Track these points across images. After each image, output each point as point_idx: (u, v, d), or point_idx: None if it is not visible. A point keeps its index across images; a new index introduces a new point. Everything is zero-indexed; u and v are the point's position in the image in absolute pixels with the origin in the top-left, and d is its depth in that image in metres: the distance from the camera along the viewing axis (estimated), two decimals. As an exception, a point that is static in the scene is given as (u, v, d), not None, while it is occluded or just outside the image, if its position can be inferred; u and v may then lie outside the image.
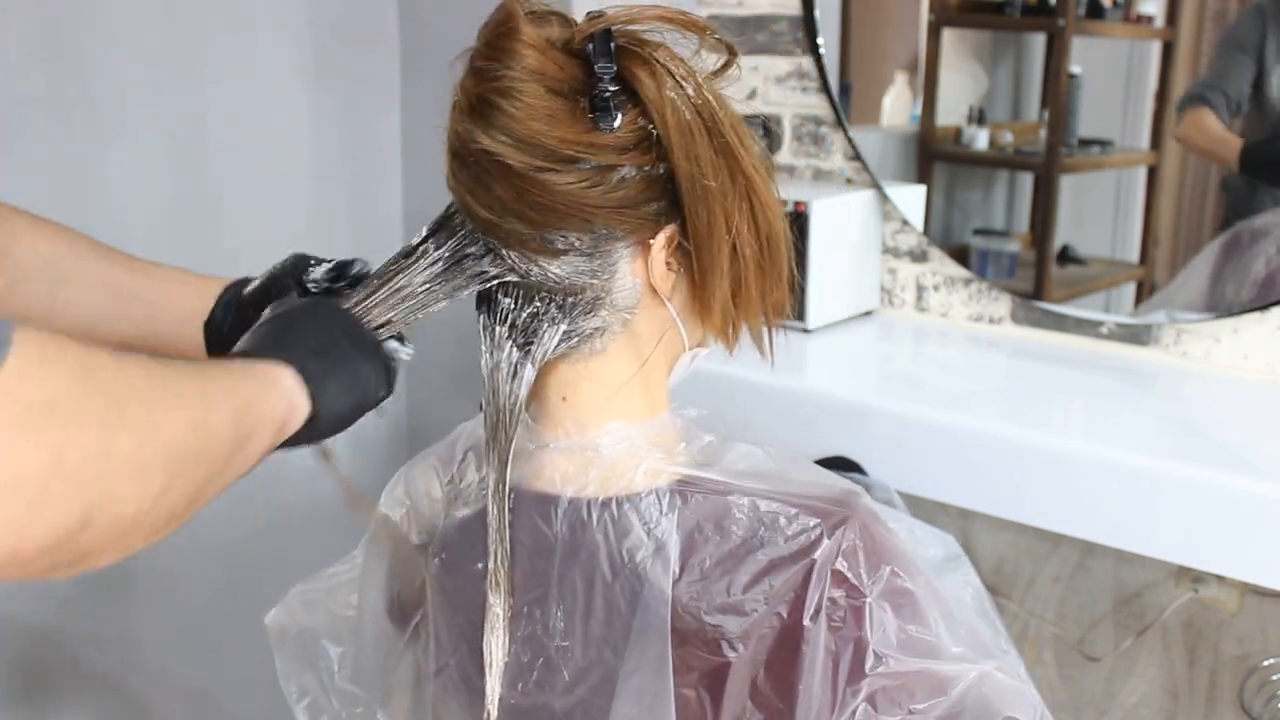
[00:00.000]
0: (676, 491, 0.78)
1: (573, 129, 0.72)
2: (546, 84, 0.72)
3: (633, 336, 0.80)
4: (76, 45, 1.53)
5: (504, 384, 0.79)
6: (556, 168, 0.72)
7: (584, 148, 0.72)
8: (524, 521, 0.81)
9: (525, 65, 0.72)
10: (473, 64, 0.75)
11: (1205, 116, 1.52)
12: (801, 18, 1.74)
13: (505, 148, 0.72)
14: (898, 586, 0.74)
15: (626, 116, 0.73)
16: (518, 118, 0.72)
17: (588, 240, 0.75)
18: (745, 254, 0.78)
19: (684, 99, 0.73)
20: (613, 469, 0.79)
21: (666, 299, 0.79)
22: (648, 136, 0.74)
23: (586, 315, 0.78)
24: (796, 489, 0.77)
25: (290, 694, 0.94)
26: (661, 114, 0.73)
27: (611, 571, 0.77)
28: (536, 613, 0.81)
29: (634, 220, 0.75)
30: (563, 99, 0.73)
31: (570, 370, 0.80)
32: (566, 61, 0.73)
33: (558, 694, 0.81)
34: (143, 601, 1.69)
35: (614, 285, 0.77)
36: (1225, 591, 1.32)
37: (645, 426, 0.81)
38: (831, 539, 0.74)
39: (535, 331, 0.78)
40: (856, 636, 0.73)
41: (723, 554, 0.75)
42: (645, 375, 0.81)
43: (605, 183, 0.73)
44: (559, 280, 0.76)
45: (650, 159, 0.74)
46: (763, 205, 0.78)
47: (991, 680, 0.75)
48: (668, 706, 0.75)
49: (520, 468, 0.82)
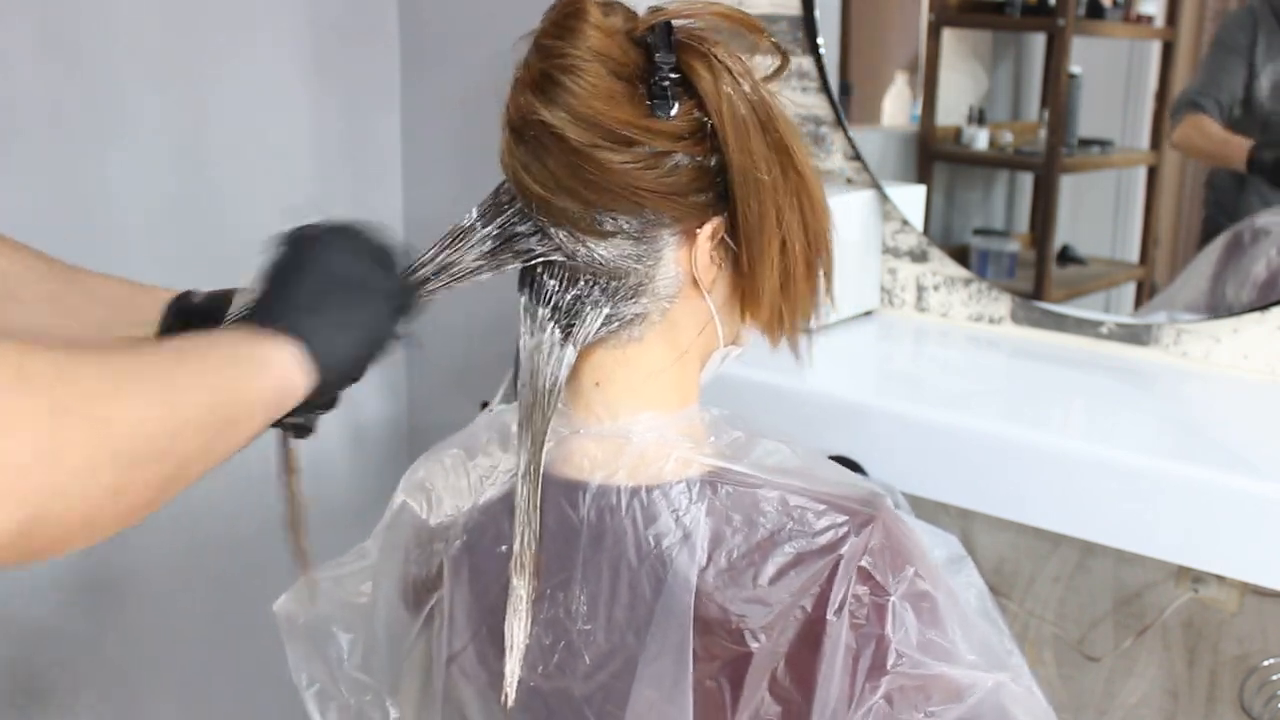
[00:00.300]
0: (706, 482, 0.79)
1: (631, 112, 0.74)
2: (609, 66, 0.74)
3: (670, 326, 0.81)
4: (76, 45, 1.53)
5: (544, 366, 0.80)
6: (613, 146, 0.74)
7: (640, 131, 0.74)
8: (551, 506, 0.82)
9: (590, 45, 0.74)
10: (538, 41, 0.77)
11: (1203, 121, 1.52)
12: (801, 18, 1.74)
13: (564, 122, 0.74)
14: (920, 589, 0.75)
15: (683, 107, 0.75)
16: (579, 94, 0.74)
17: (636, 224, 0.77)
18: (795, 249, 0.79)
19: (740, 94, 0.75)
20: (643, 457, 0.80)
21: (707, 291, 0.80)
22: (702, 128, 0.76)
23: (629, 301, 0.79)
24: (824, 486, 0.79)
25: (300, 681, 0.94)
26: (718, 107, 0.75)
27: (638, 557, 0.78)
28: (560, 596, 0.82)
29: (683, 208, 0.77)
30: (623, 82, 0.75)
31: (607, 356, 0.82)
32: (629, 48, 0.75)
33: (579, 678, 0.81)
34: (142, 601, 1.68)
35: (657, 272, 0.79)
36: (1225, 591, 1.32)
37: (676, 417, 0.82)
38: (859, 537, 0.75)
39: (578, 314, 0.80)
40: (879, 634, 0.74)
41: (750, 546, 0.76)
42: (680, 367, 0.83)
43: (658, 167, 0.75)
44: (604, 262, 0.78)
45: (703, 150, 0.76)
46: (813, 203, 0.80)
47: (1007, 691, 0.76)
48: (686, 693, 0.76)
49: (549, 453, 0.82)
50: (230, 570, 1.79)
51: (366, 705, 0.93)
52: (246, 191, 1.75)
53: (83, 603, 1.63)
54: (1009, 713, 0.75)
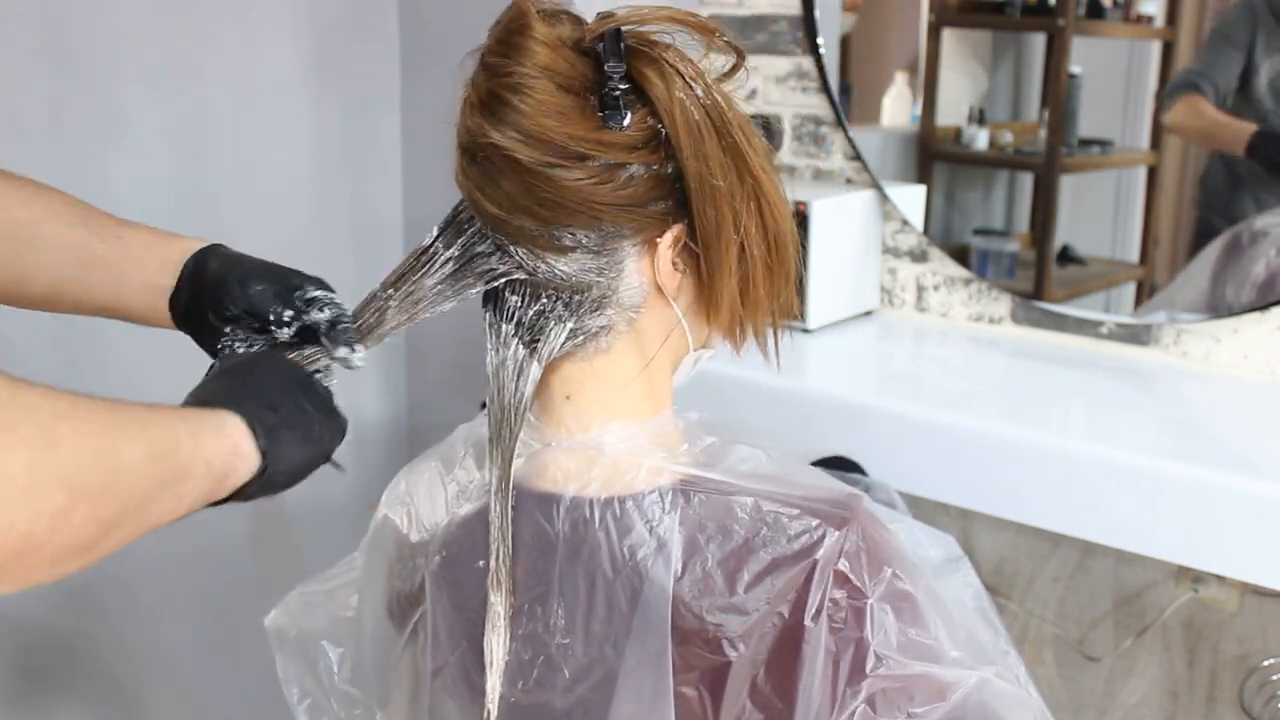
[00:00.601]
0: (679, 491, 0.78)
1: (582, 126, 0.73)
2: (557, 81, 0.73)
3: (638, 336, 0.80)
4: (76, 45, 1.53)
5: (509, 382, 0.80)
6: (565, 164, 0.73)
7: (593, 145, 0.73)
8: (526, 520, 0.81)
9: (536, 62, 0.73)
10: (484, 60, 0.76)
11: (1199, 102, 1.51)
12: (801, 18, 1.74)
13: (515, 143, 0.73)
14: (898, 589, 0.74)
15: (635, 116, 0.74)
16: (528, 113, 0.73)
17: (595, 238, 0.76)
18: (753, 254, 0.78)
19: (693, 99, 0.74)
20: (615, 468, 0.79)
21: (672, 298, 0.79)
22: (656, 136, 0.74)
23: (593, 313, 0.78)
24: (799, 490, 0.78)
25: (291, 696, 0.94)
26: (670, 114, 0.74)
27: (613, 569, 0.78)
28: (538, 610, 0.81)
29: (641, 218, 0.76)
30: (573, 96, 0.73)
31: (575, 369, 0.81)
32: (577, 60, 0.74)
33: (559, 692, 0.81)
34: (142, 601, 1.68)
35: (620, 284, 0.78)
36: (1225, 591, 1.32)
37: (648, 426, 0.81)
38: (834, 540, 0.74)
39: (542, 329, 0.79)
40: (858, 637, 0.73)
41: (725, 553, 0.76)
42: (649, 375, 0.82)
43: (613, 180, 0.74)
44: (566, 278, 0.77)
45: (659, 158, 0.75)
46: (770, 205, 0.78)
47: (991, 686, 0.75)
48: (667, 704, 0.75)
49: (523, 466, 0.82)
50: (228, 573, 1.79)
51: (357, 718, 0.93)
52: (246, 191, 1.75)
53: (81, 604, 1.63)
54: (993, 708, 0.74)
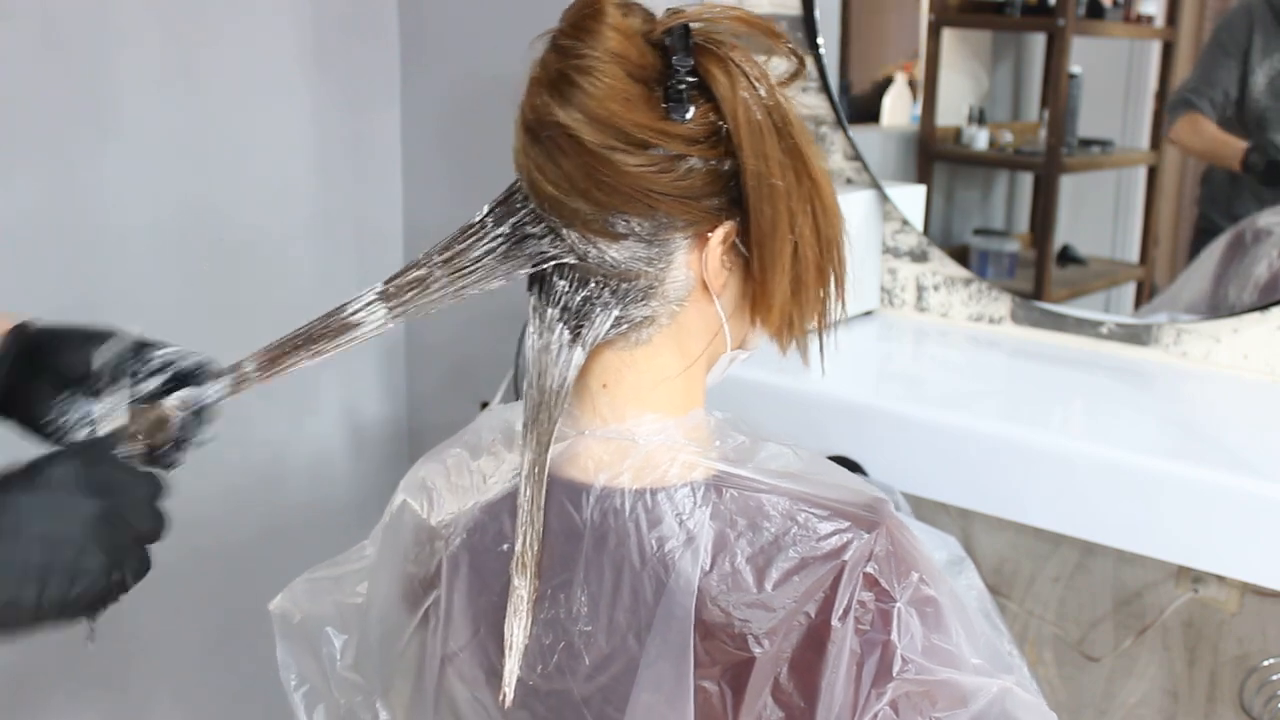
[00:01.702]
0: (711, 486, 0.78)
1: (647, 114, 0.74)
2: (626, 68, 0.74)
3: (678, 330, 0.81)
4: (77, 46, 1.53)
5: (551, 366, 0.80)
6: (627, 149, 0.74)
7: (656, 134, 0.74)
8: (554, 506, 0.82)
9: (607, 46, 0.74)
10: (555, 41, 0.77)
11: (1198, 120, 1.52)
12: (801, 18, 1.74)
13: (580, 124, 0.74)
14: (924, 594, 0.75)
15: (698, 111, 0.75)
16: (595, 96, 0.74)
17: (648, 227, 0.77)
18: (806, 255, 0.79)
19: (756, 99, 0.75)
20: (648, 460, 0.80)
21: (716, 295, 0.80)
22: (717, 132, 0.76)
23: (638, 303, 0.79)
24: (828, 492, 0.78)
25: (288, 681, 0.94)
26: (733, 111, 0.75)
27: (640, 560, 0.78)
28: (561, 597, 0.82)
29: (695, 212, 0.77)
30: (640, 85, 0.75)
31: (615, 358, 0.82)
32: (646, 50, 0.75)
33: (579, 679, 0.81)
34: (142, 602, 1.68)
35: (668, 275, 0.79)
36: (1225, 591, 1.32)
37: (681, 420, 0.82)
38: (863, 543, 0.74)
39: (587, 315, 0.80)
40: (884, 640, 0.73)
41: (754, 550, 0.76)
42: (687, 371, 0.83)
43: (673, 170, 0.75)
44: (616, 265, 0.78)
45: (718, 154, 0.76)
46: (825, 209, 0.80)
47: (1013, 696, 0.75)
48: (686, 697, 0.75)
49: (553, 454, 0.82)
50: (229, 571, 1.79)
51: (357, 706, 0.93)
52: (246, 191, 1.75)
53: (83, 603, 1.63)
54: (1014, 718, 0.75)
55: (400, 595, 0.94)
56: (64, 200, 1.55)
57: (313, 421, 1.90)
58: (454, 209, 0.84)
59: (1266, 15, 1.47)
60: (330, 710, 0.94)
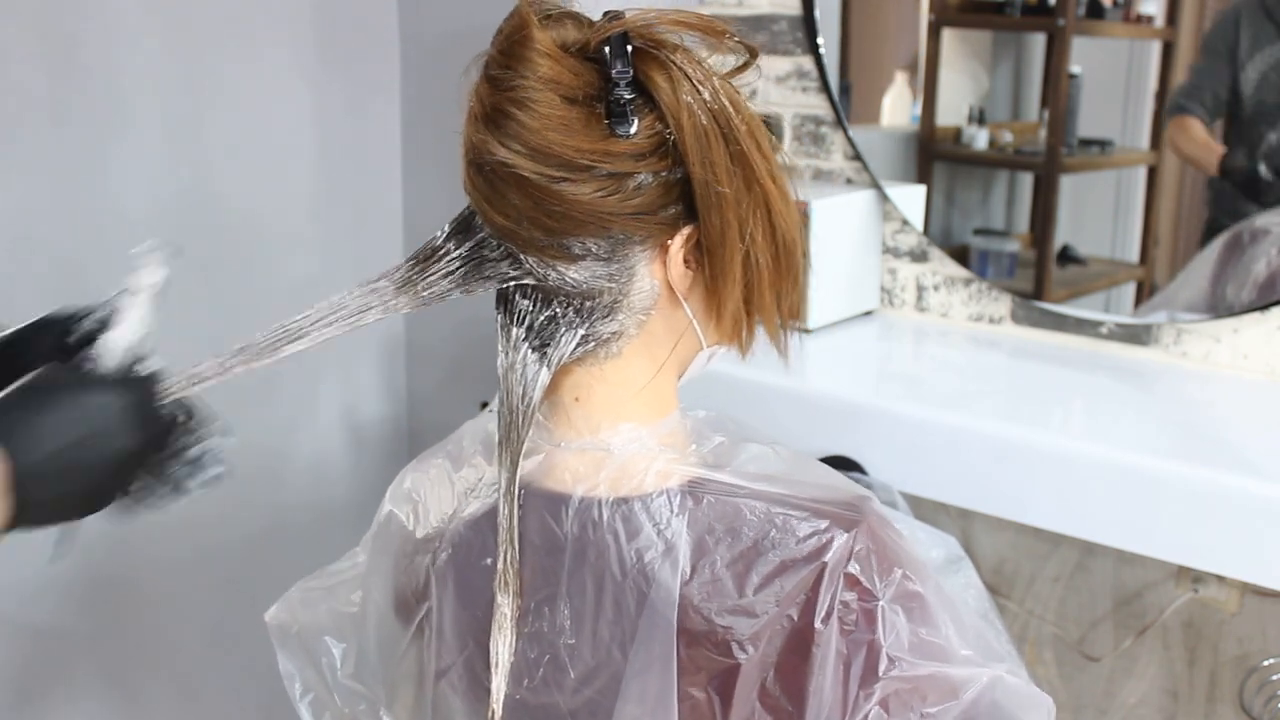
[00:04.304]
0: (688, 492, 0.78)
1: (588, 138, 0.72)
2: (561, 92, 0.72)
3: (647, 338, 0.80)
4: (76, 44, 1.53)
5: (518, 385, 0.79)
6: (572, 177, 0.72)
7: (600, 156, 0.72)
8: (534, 520, 0.81)
9: (539, 74, 0.72)
10: (487, 71, 0.75)
11: (1189, 124, 1.53)
12: (801, 18, 1.74)
13: (520, 158, 0.72)
14: (909, 590, 0.74)
15: (643, 122, 0.73)
16: (532, 128, 0.72)
17: (605, 245, 0.75)
18: (759, 261, 0.78)
19: (700, 103, 0.73)
20: (623, 469, 0.79)
21: (683, 298, 0.79)
22: (664, 142, 0.73)
23: (604, 319, 0.78)
24: (808, 492, 0.77)
25: (293, 691, 0.94)
26: (678, 119, 0.73)
27: (621, 571, 0.78)
28: (545, 611, 0.81)
29: (651, 225, 0.75)
30: (578, 107, 0.72)
31: (585, 373, 0.81)
32: (581, 68, 0.73)
33: (566, 693, 0.81)
34: (142, 601, 1.68)
35: (631, 288, 0.77)
36: (1225, 591, 1.32)
37: (656, 427, 0.81)
38: (843, 542, 0.74)
39: (552, 335, 0.79)
40: (869, 639, 0.73)
41: (734, 555, 0.75)
42: (658, 377, 0.82)
43: (622, 190, 0.73)
44: (577, 285, 0.76)
45: (667, 164, 0.74)
46: (778, 213, 0.78)
47: (1003, 685, 0.75)
48: (671, 708, 0.75)
49: (531, 467, 0.82)
50: (229, 571, 1.79)
51: (361, 715, 0.93)
52: (246, 190, 1.75)
53: (82, 604, 1.63)
54: (1004, 707, 0.74)
55: (392, 606, 0.94)
56: (64, 201, 1.55)
57: (313, 421, 1.90)
58: (454, 208, 0.84)
59: (1255, 12, 1.47)
60: (336, 719, 0.94)
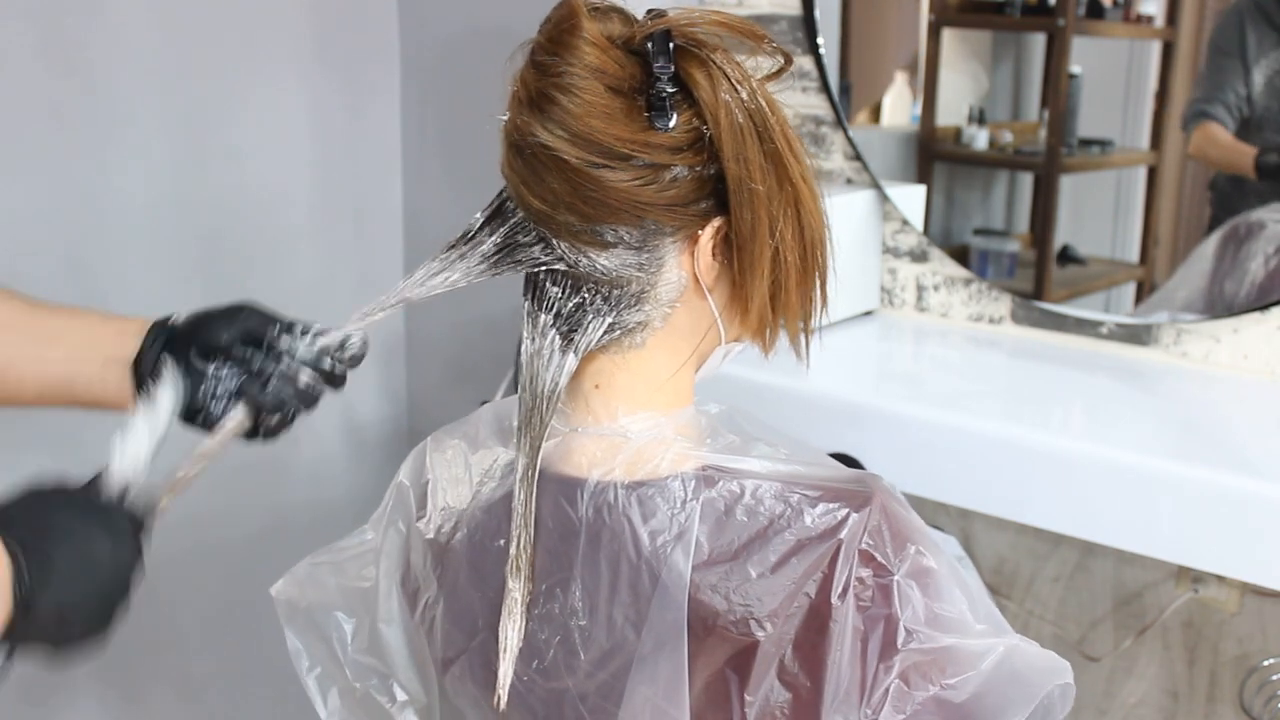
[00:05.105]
0: (702, 477, 0.79)
1: (629, 127, 0.74)
2: (605, 81, 0.74)
3: (671, 331, 0.82)
4: (77, 45, 1.53)
5: (543, 371, 0.81)
6: (611, 164, 0.74)
7: (639, 146, 0.74)
8: (549, 504, 0.82)
9: (585, 62, 0.74)
10: (533, 57, 0.76)
11: (1213, 130, 1.52)
12: (801, 18, 1.74)
13: (562, 142, 0.74)
14: (922, 565, 0.75)
15: (681, 117, 0.75)
16: (576, 113, 0.74)
17: (637, 235, 0.77)
18: (787, 259, 0.79)
19: (738, 102, 0.75)
20: (640, 454, 0.80)
21: (709, 290, 0.80)
22: (701, 137, 0.75)
23: (631, 309, 0.80)
24: (819, 473, 0.79)
25: (300, 666, 0.94)
26: (715, 116, 0.75)
27: (636, 554, 0.78)
28: (558, 594, 0.82)
29: (683, 217, 0.77)
30: (620, 97, 0.74)
31: (608, 361, 0.82)
32: (625, 60, 0.75)
33: (578, 676, 0.81)
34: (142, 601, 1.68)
35: (660, 279, 0.79)
36: (1225, 591, 1.32)
37: (672, 417, 0.82)
38: (857, 519, 0.75)
39: (580, 322, 0.80)
40: (886, 614, 0.74)
41: (749, 536, 0.77)
42: (677, 369, 0.83)
43: (658, 181, 0.75)
44: (607, 272, 0.78)
45: (703, 159, 0.76)
46: (808, 213, 0.79)
47: (1020, 653, 0.76)
48: (683, 689, 0.76)
49: (548, 451, 0.83)
50: (229, 571, 1.79)
51: (372, 689, 0.93)
52: (247, 191, 1.75)
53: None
54: (1024, 675, 0.75)
55: (403, 583, 0.94)
56: (64, 201, 1.55)
57: (312, 421, 1.90)
58: (453, 207, 0.84)
59: (1257, 15, 1.47)
60: (344, 694, 0.94)
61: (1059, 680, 0.76)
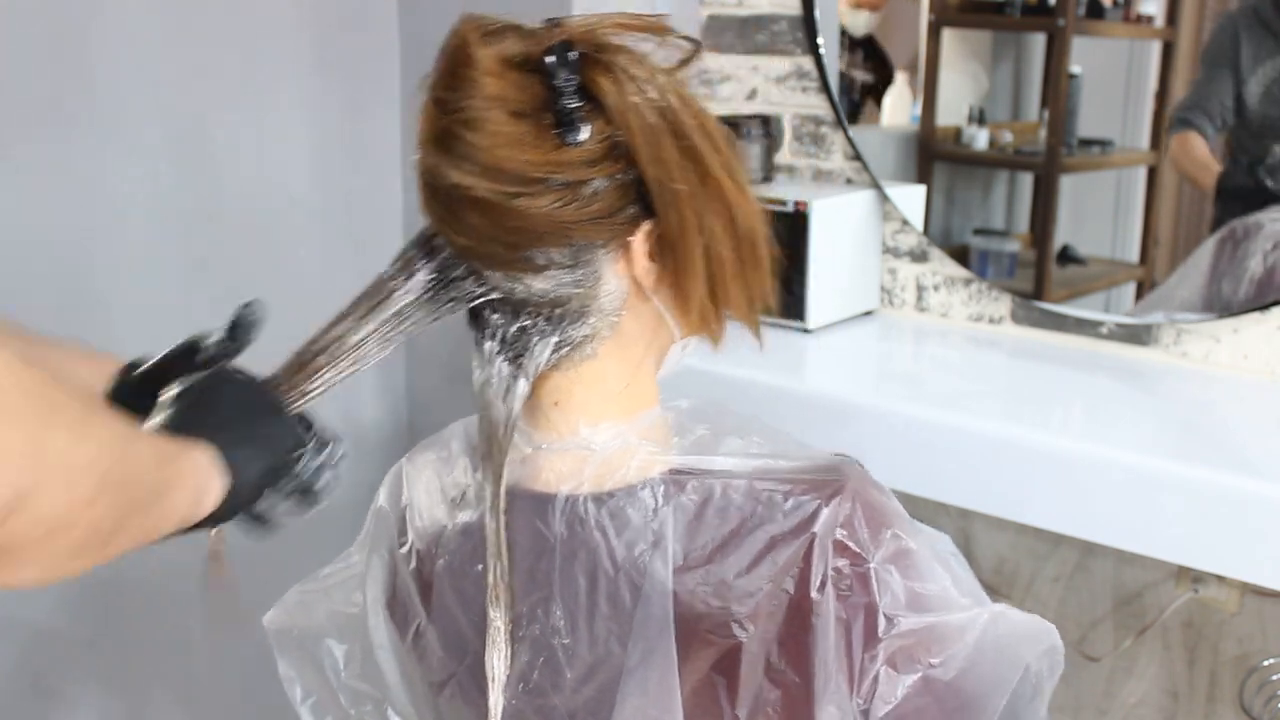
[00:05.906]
0: (671, 481, 0.78)
1: (539, 150, 0.72)
2: (508, 108, 0.72)
3: (621, 337, 0.80)
4: (77, 45, 1.53)
5: (496, 399, 0.80)
6: (528, 190, 0.72)
7: (553, 167, 0.72)
8: (522, 523, 0.82)
9: (485, 93, 0.72)
10: (433, 94, 0.75)
11: (1190, 140, 1.52)
12: (801, 18, 1.74)
13: (473, 179, 0.72)
14: (900, 547, 0.75)
15: (593, 127, 0.73)
16: (482, 146, 0.72)
17: (568, 253, 0.75)
18: (720, 254, 0.77)
19: (647, 103, 0.73)
20: (606, 465, 0.80)
21: (651, 292, 0.79)
22: (615, 145, 0.73)
23: (575, 324, 0.78)
24: (789, 465, 0.78)
25: (294, 695, 0.93)
26: (625, 121, 0.72)
27: (613, 566, 0.78)
28: (538, 614, 0.81)
29: (612, 227, 0.75)
30: (526, 120, 0.72)
31: (562, 378, 0.81)
32: (526, 81, 0.73)
33: (564, 694, 0.81)
34: (142, 601, 1.68)
35: (599, 290, 0.78)
36: (1225, 591, 1.32)
37: (635, 422, 0.81)
38: (829, 511, 0.75)
39: (526, 346, 0.79)
40: (866, 602, 0.73)
41: (723, 537, 0.76)
42: (633, 373, 0.82)
43: (579, 198, 0.73)
44: (544, 294, 0.77)
45: (620, 166, 0.74)
46: (735, 205, 0.77)
47: (1005, 619, 0.75)
48: (674, 696, 0.75)
49: (515, 470, 0.82)
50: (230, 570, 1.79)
51: (367, 715, 0.93)
52: (246, 191, 1.75)
53: (83, 604, 1.63)
54: (1008, 643, 0.75)
55: (389, 608, 0.94)
56: (64, 202, 1.55)
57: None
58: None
59: (1253, 24, 1.47)
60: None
61: (1044, 644, 0.76)
